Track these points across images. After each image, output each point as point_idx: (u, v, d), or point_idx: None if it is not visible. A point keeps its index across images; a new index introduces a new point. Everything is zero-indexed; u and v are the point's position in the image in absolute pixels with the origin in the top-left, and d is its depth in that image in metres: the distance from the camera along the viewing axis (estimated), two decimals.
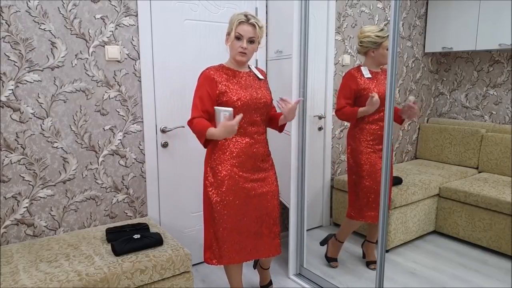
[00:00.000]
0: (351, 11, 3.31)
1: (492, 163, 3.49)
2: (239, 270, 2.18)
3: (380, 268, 2.11)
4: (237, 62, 1.96)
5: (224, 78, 1.94)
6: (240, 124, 1.89)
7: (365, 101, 2.43)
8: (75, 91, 2.17)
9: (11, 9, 1.94)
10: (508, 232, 2.82)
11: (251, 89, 1.97)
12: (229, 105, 1.90)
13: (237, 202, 1.98)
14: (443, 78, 4.12)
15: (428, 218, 3.20)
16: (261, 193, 2.05)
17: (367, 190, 2.54)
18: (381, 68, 2.56)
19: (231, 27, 1.89)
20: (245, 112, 1.92)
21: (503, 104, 3.65)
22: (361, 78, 2.48)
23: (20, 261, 1.84)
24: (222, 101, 1.91)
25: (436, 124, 3.97)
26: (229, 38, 1.91)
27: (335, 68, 3.29)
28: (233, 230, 2.00)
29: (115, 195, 2.38)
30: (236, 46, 1.89)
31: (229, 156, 1.96)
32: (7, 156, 2.02)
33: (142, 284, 1.83)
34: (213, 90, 1.90)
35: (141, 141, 2.43)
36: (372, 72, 2.50)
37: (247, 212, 2.02)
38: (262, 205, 2.06)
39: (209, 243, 2.04)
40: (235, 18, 1.89)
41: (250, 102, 1.93)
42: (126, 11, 2.27)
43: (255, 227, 2.06)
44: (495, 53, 3.66)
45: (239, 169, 1.97)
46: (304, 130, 2.50)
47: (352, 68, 2.55)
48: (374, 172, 2.51)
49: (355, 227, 2.70)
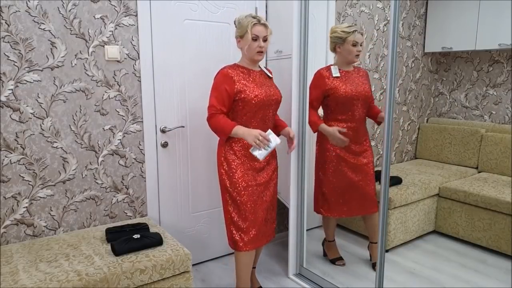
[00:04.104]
0: (351, 11, 3.31)
1: (492, 163, 3.49)
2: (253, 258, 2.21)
3: (380, 268, 2.11)
4: (254, 61, 2.08)
5: (241, 77, 2.04)
6: (256, 120, 2.07)
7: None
8: (74, 91, 2.17)
9: (11, 9, 1.94)
10: (508, 232, 2.82)
11: (265, 87, 2.09)
12: (246, 102, 2.01)
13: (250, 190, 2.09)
14: (442, 78, 4.12)
15: (427, 218, 3.20)
16: (266, 182, 2.16)
17: (333, 187, 2.58)
18: (354, 66, 2.56)
19: (245, 29, 1.98)
20: (260, 108, 2.05)
21: (502, 104, 3.65)
22: (329, 78, 2.48)
23: (20, 261, 1.84)
24: (240, 98, 2.01)
25: (436, 124, 3.97)
26: (244, 40, 2.01)
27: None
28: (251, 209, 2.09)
29: (115, 195, 2.38)
30: (253, 46, 2.01)
31: (241, 147, 2.07)
32: (6, 156, 2.01)
33: (142, 284, 1.83)
34: (231, 88, 2.00)
35: (141, 141, 2.43)
36: (342, 71, 2.50)
37: (259, 200, 2.12)
38: (269, 193, 2.18)
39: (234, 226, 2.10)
40: (247, 21, 1.98)
41: (265, 99, 2.05)
42: (126, 11, 2.27)
43: (265, 214, 2.17)
44: (495, 53, 3.66)
45: (248, 160, 2.09)
46: (304, 130, 2.50)
47: (322, 67, 2.54)
48: (340, 170, 2.55)
49: (331, 222, 2.75)
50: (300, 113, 2.49)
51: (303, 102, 2.48)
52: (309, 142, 2.66)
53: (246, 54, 2.05)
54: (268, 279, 2.62)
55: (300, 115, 2.49)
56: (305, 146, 2.52)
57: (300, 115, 2.49)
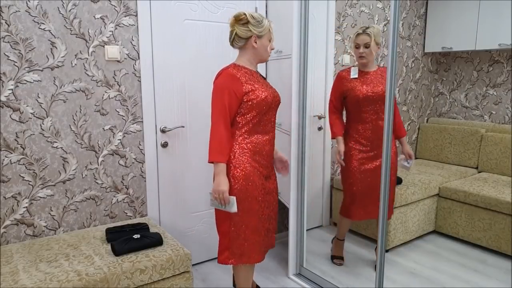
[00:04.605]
0: (351, 11, 3.31)
1: (492, 163, 3.49)
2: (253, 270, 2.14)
3: (380, 268, 2.11)
4: (261, 62, 2.02)
5: (247, 78, 1.92)
6: (263, 123, 1.97)
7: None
8: (74, 91, 2.17)
9: (11, 9, 1.94)
10: (508, 232, 2.82)
11: (269, 88, 2.00)
12: (257, 103, 1.90)
13: (259, 199, 1.97)
14: (442, 78, 4.12)
15: (427, 218, 3.20)
16: (270, 190, 2.07)
17: (350, 188, 2.57)
18: (379, 67, 2.56)
19: (267, 29, 1.91)
20: (268, 110, 1.96)
21: (502, 104, 3.65)
22: (347, 79, 2.51)
23: (20, 261, 1.84)
24: (249, 100, 1.89)
25: (436, 124, 3.97)
26: (262, 40, 1.92)
27: (335, 68, 3.29)
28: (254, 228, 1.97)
29: (115, 195, 2.38)
30: (269, 48, 1.95)
31: (249, 153, 1.94)
32: (6, 156, 2.01)
33: (142, 284, 1.83)
34: (238, 90, 1.87)
35: (141, 141, 2.43)
36: (362, 73, 2.50)
37: (263, 209, 2.02)
38: (271, 202, 2.09)
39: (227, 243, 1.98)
40: (267, 22, 1.92)
41: (272, 100, 1.97)
42: (126, 11, 2.27)
43: (267, 224, 2.07)
44: (495, 53, 3.66)
45: (259, 165, 1.97)
46: (304, 130, 2.50)
47: (344, 69, 2.58)
48: (356, 172, 2.53)
49: (347, 224, 2.73)
50: (300, 113, 2.49)
51: (303, 102, 2.48)
52: (309, 142, 2.66)
53: (259, 54, 1.94)
54: (268, 279, 2.62)
55: (300, 115, 2.49)
56: (305, 146, 2.52)
57: (300, 115, 2.49)
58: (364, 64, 2.47)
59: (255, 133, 1.95)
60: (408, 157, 2.63)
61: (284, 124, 2.67)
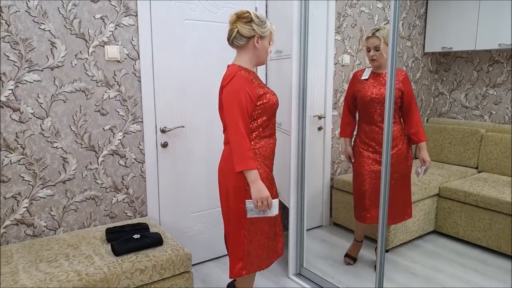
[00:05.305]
0: (351, 11, 3.31)
1: (492, 163, 3.49)
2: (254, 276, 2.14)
3: (380, 268, 2.11)
4: (260, 64, 1.96)
5: (258, 81, 1.89)
6: (270, 127, 1.93)
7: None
8: (74, 91, 2.17)
9: (11, 9, 1.94)
10: (508, 232, 2.82)
11: (271, 90, 1.96)
12: (269, 107, 1.85)
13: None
14: (442, 78, 4.12)
15: (427, 218, 3.20)
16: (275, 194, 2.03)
17: (358, 190, 2.57)
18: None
19: (268, 32, 1.87)
20: (275, 113, 1.94)
21: (502, 104, 3.65)
22: (359, 80, 2.55)
23: (20, 261, 1.84)
24: (262, 103, 1.83)
25: (436, 124, 3.97)
26: (264, 41, 1.87)
27: (334, 68, 3.29)
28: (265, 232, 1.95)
29: (115, 195, 2.38)
30: (268, 49, 1.91)
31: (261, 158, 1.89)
32: (6, 156, 2.01)
33: (142, 284, 1.84)
34: (253, 93, 1.80)
35: (141, 141, 2.43)
36: (374, 74, 2.50)
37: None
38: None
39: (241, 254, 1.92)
40: (269, 24, 1.88)
41: (277, 103, 1.94)
42: (126, 11, 2.27)
43: (274, 229, 2.03)
44: (495, 53, 3.66)
45: (269, 169, 1.95)
46: (304, 130, 2.50)
47: (359, 70, 2.63)
48: (362, 173, 2.53)
49: (361, 226, 2.73)
50: (300, 113, 2.49)
51: (303, 102, 2.48)
52: (309, 142, 2.66)
53: (259, 55, 1.89)
54: (268, 279, 2.62)
55: (300, 115, 2.49)
56: (305, 146, 2.52)
57: (300, 115, 2.49)
58: (376, 66, 2.48)
59: (264, 138, 1.90)
60: (422, 163, 2.55)
61: (284, 124, 2.67)
